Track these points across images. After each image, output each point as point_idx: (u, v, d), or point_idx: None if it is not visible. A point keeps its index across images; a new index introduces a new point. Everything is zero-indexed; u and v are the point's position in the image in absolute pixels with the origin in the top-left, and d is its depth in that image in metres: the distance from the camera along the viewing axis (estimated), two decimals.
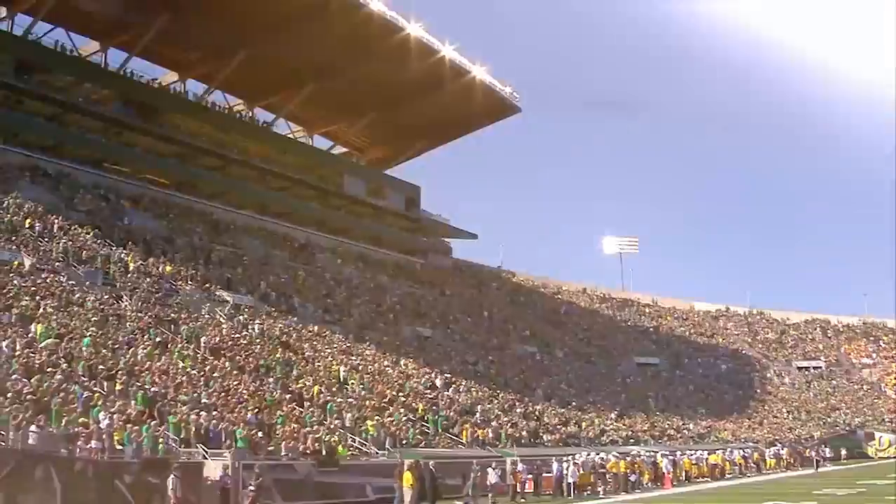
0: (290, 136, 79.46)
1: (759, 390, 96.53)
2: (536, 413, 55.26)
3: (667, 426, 66.74)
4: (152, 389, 31.88)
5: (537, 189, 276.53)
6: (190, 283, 49.41)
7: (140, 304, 41.84)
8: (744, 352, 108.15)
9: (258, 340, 44.78)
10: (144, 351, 35.70)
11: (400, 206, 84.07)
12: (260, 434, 32.37)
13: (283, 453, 31.66)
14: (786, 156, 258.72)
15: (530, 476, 36.57)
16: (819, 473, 52.63)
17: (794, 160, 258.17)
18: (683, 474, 45.36)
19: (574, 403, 62.44)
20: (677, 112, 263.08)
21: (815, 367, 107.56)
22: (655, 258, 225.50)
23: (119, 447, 26.78)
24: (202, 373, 36.47)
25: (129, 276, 45.48)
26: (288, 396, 38.58)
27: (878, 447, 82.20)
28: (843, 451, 74.98)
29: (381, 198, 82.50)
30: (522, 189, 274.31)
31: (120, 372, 32.21)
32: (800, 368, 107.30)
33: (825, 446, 67.92)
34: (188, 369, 36.17)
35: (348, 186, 78.54)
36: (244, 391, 36.07)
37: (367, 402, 42.45)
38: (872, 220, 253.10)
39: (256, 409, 34.52)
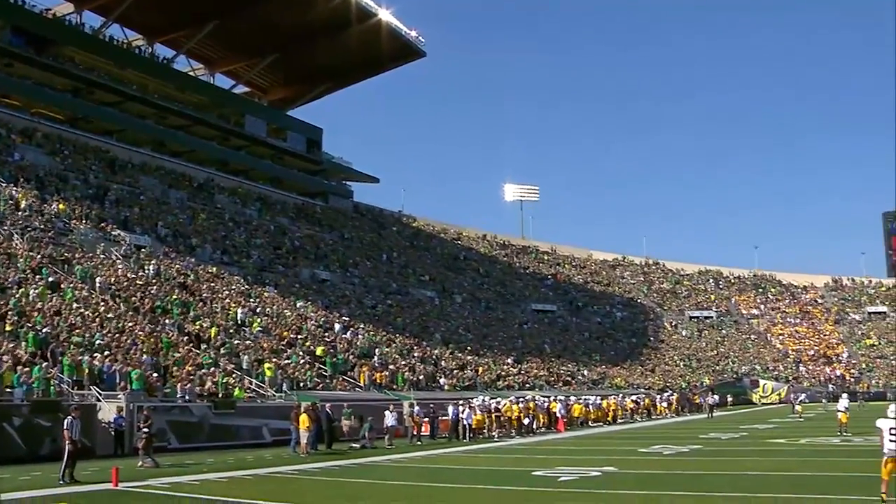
0: (191, 73, 77.82)
1: (652, 338, 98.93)
2: (434, 357, 55.78)
3: (562, 372, 67.96)
4: (44, 331, 31.27)
5: (440, 135, 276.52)
6: (84, 222, 48.38)
7: (32, 243, 40.88)
8: (639, 301, 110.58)
9: (154, 281, 44.19)
10: (36, 291, 34.97)
11: (301, 147, 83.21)
12: (156, 376, 32.08)
13: (178, 395, 31.45)
14: (682, 112, 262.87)
15: (427, 419, 36.99)
16: (714, 419, 54.35)
17: (689, 116, 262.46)
18: (577, 418, 46.30)
19: (471, 348, 63.14)
20: (580, 61, 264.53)
21: (706, 317, 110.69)
22: (555, 207, 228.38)
23: (8, 390, 26.34)
24: (96, 314, 35.84)
25: (20, 213, 44.34)
26: (185, 338, 38.24)
27: (762, 394, 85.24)
28: (730, 398, 77.48)
29: (283, 139, 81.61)
30: (425, 134, 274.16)
31: (10, 312, 31.56)
32: (692, 318, 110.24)
33: (713, 393, 70.01)
34: (82, 310, 35.55)
35: (249, 126, 77.42)
36: (140, 333, 35.62)
37: (265, 345, 42.36)
38: (764, 175, 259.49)
39: (152, 351, 34.18)
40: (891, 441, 13.13)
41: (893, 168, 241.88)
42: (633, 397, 58.48)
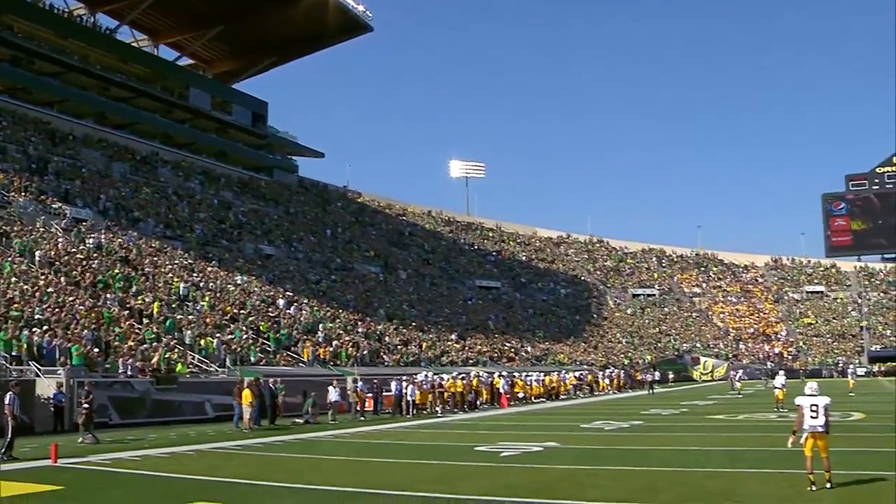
0: (134, 44, 76.60)
1: (595, 315, 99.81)
2: (378, 333, 55.81)
3: (506, 348, 68.34)
4: None
5: (386, 110, 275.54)
6: (24, 194, 47.61)
7: None
8: (583, 278, 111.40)
9: (96, 255, 43.65)
10: None
11: (246, 121, 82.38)
12: (96, 351, 31.76)
13: (120, 371, 31.18)
14: (627, 90, 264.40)
15: (370, 395, 37.06)
16: (655, 395, 55.06)
17: (634, 94, 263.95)
18: (520, 394, 46.59)
19: (415, 324, 63.26)
20: (527, 36, 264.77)
21: (649, 295, 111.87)
22: (501, 184, 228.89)
23: None
24: (36, 288, 35.38)
25: None
26: (126, 313, 37.87)
27: (703, 371, 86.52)
28: (671, 375, 78.52)
29: (228, 112, 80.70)
30: (371, 109, 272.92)
31: None
32: (635, 295, 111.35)
33: (655, 370, 70.88)
34: (21, 284, 35.04)
35: (194, 99, 76.46)
36: (80, 307, 35.21)
37: (208, 320, 42.11)
38: (707, 155, 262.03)
39: (93, 326, 33.82)
40: (811, 418, 13.49)
41: (834, 149, 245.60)
42: (576, 373, 58.99)
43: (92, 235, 46.17)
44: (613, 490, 13.76)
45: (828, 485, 13.17)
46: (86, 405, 23.32)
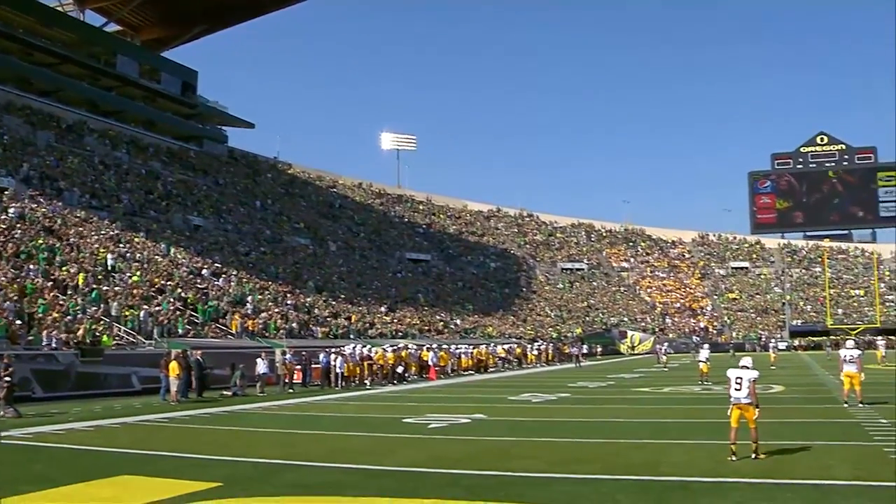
0: (59, 8, 74.73)
1: (524, 289, 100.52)
2: (307, 305, 55.65)
3: (435, 320, 68.60)
4: None
5: (318, 81, 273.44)
6: None
7: None
8: (512, 251, 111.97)
9: (18, 225, 42.81)
10: None
11: (175, 90, 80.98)
12: (19, 323, 31.25)
13: (44, 343, 30.72)
14: (557, 65, 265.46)
15: (299, 367, 36.99)
16: (582, 368, 55.68)
17: (564, 69, 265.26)
18: (448, 367, 46.81)
19: (345, 296, 63.18)
20: (458, 8, 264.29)
21: (577, 269, 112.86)
22: (432, 157, 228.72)
23: None
24: None
25: None
26: (50, 284, 37.26)
27: (630, 344, 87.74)
28: (599, 348, 79.49)
29: (156, 81, 79.28)
30: (303, 80, 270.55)
31: None
32: (564, 269, 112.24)
33: (583, 343, 71.68)
34: None
35: (121, 66, 74.84)
36: (2, 278, 34.59)
37: (135, 291, 41.59)
38: (637, 131, 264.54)
39: (15, 298, 33.23)
40: (735, 390, 13.92)
41: (762, 128, 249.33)
42: (505, 346, 59.43)
43: (14, 205, 45.21)
44: (538, 461, 13.95)
45: (752, 455, 13.56)
46: (6, 378, 22.95)
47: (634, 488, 11.35)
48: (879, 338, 67.41)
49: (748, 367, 14.22)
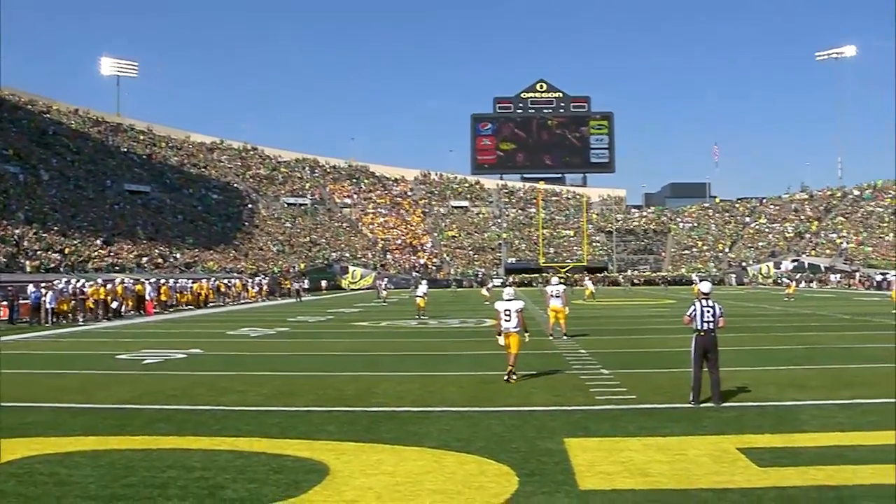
0: None
1: (247, 223, 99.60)
2: (16, 237, 52.87)
3: (154, 254, 66.87)
4: None
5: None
6: None
7: None
8: (235, 185, 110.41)
9: None
10: None
11: None
12: None
13: None
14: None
15: (5, 303, 35.37)
16: (303, 302, 56.05)
17: (297, 3, 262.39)
18: (168, 301, 45.99)
19: (58, 228, 60.41)
20: None
21: (301, 204, 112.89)
22: (155, 85, 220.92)
23: None
24: None
25: None
26: None
27: (351, 280, 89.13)
28: (324, 283, 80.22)
29: None
30: None
31: None
32: (288, 204, 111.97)
33: (305, 278, 72.04)
34: None
35: None
36: None
37: None
38: (364, 68, 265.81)
39: None
40: (505, 321, 15.25)
41: (485, 73, 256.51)
42: (226, 281, 58.93)
43: None
44: (251, 395, 14.14)
45: (506, 377, 15.21)
46: None
47: (345, 419, 11.76)
48: (587, 275, 71.95)
49: (514, 300, 15.56)
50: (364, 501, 7.49)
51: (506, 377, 15.15)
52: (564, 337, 24.27)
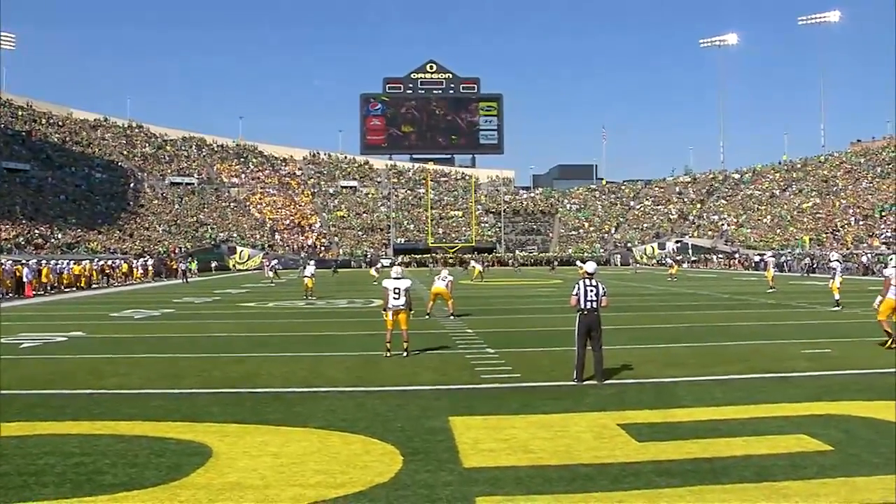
0: None
1: (132, 203, 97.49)
2: None
3: (34, 234, 65.09)
4: None
5: None
6: None
7: None
8: (120, 164, 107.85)
9: None
10: None
11: None
12: None
13: None
14: None
15: None
16: (189, 283, 55.24)
17: None
18: (48, 283, 44.85)
19: None
20: None
21: (188, 184, 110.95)
22: (35, 59, 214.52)
23: None
24: None
25: None
26: None
27: (239, 260, 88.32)
28: (215, 264, 79.26)
29: None
30: None
31: None
32: (174, 184, 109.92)
33: (191, 259, 71.01)
34: None
35: None
36: None
37: None
38: (255, 49, 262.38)
39: None
40: (394, 299, 15.82)
41: (376, 53, 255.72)
42: (111, 262, 57.74)
43: None
44: (134, 377, 13.88)
45: (404, 353, 15.84)
46: None
47: (230, 400, 11.66)
48: (475, 256, 72.46)
49: (402, 278, 16.10)
50: (248, 483, 7.44)
51: (387, 354, 15.69)
52: (451, 317, 24.49)
